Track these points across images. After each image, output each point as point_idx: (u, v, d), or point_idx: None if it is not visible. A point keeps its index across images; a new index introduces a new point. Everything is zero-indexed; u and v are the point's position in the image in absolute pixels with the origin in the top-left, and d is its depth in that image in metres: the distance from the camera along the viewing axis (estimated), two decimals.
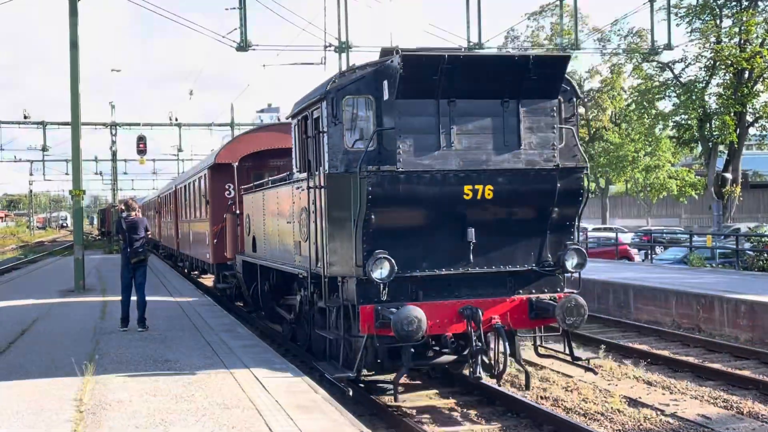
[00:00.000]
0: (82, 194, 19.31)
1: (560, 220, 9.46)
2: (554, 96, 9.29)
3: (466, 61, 9.15)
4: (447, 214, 8.96)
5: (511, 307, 9.26)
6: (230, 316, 14.55)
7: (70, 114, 18.93)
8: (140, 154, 45.36)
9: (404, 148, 8.66)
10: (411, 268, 8.86)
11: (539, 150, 9.22)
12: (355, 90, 9.03)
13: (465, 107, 8.94)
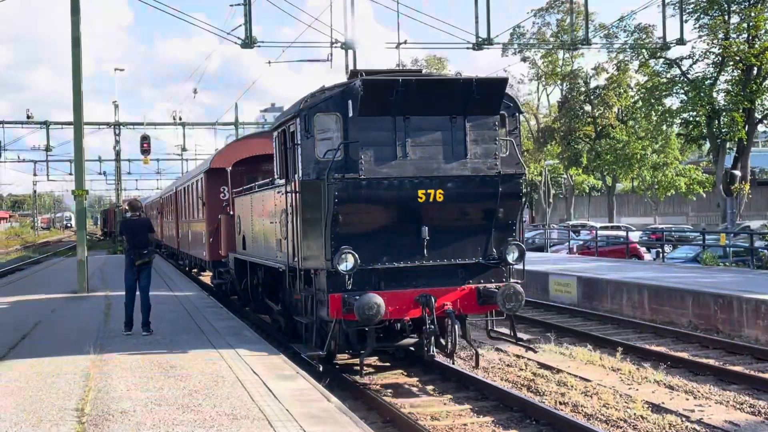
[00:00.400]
0: (84, 194, 18.97)
1: (503, 220, 10.85)
2: (496, 112, 10.70)
3: (417, 84, 10.32)
4: (404, 215, 10.39)
5: (461, 295, 10.62)
6: (236, 318, 14.23)
7: (73, 112, 18.59)
8: (144, 153, 45.12)
9: (366, 159, 10.10)
10: (373, 261, 10.25)
11: (483, 159, 10.65)
12: (325, 108, 10.34)
13: (418, 123, 10.33)
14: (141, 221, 12.33)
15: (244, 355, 10.04)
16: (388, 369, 12.05)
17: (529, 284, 22.10)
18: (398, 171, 10.21)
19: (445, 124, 10.50)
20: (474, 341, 11.95)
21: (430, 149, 10.45)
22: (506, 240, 10.87)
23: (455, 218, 10.63)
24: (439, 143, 10.50)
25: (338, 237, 10.02)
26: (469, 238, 10.76)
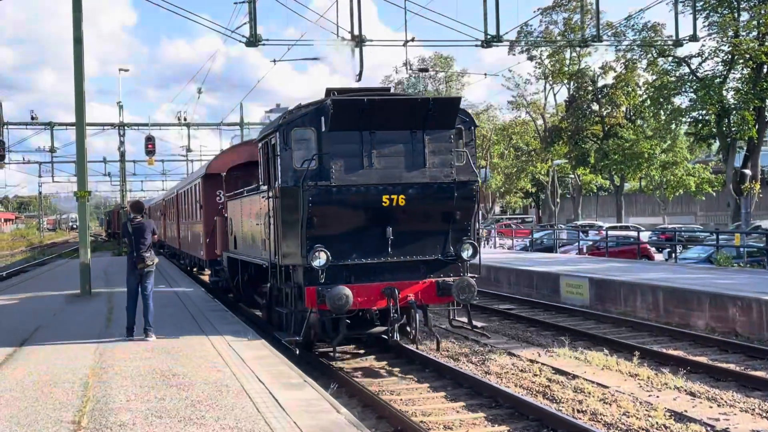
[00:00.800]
0: (87, 195, 18.61)
1: (459, 222, 12.12)
2: (451, 127, 11.97)
3: (381, 103, 11.49)
4: (370, 218, 11.62)
5: (422, 287, 11.91)
6: (239, 320, 13.88)
7: (75, 112, 18.26)
8: (149, 154, 44.76)
9: (336, 168, 11.35)
10: (344, 258, 11.52)
11: (440, 168, 11.89)
12: (301, 123, 11.59)
13: (382, 136, 11.59)
14: (144, 224, 11.94)
15: (247, 359, 9.68)
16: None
17: (540, 285, 21.81)
18: (365, 179, 11.49)
19: (406, 138, 11.80)
20: (435, 327, 13.56)
21: (393, 159, 11.72)
22: (462, 239, 12.17)
23: (416, 220, 11.89)
24: (401, 154, 11.77)
25: (312, 237, 11.30)
26: (429, 237, 12.12)
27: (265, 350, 10.58)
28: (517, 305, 20.35)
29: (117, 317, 13.88)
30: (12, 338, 11.98)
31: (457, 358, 13.21)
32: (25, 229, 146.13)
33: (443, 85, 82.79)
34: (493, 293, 22.68)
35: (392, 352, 13.24)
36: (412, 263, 11.98)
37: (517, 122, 69.78)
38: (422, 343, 12.95)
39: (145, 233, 11.77)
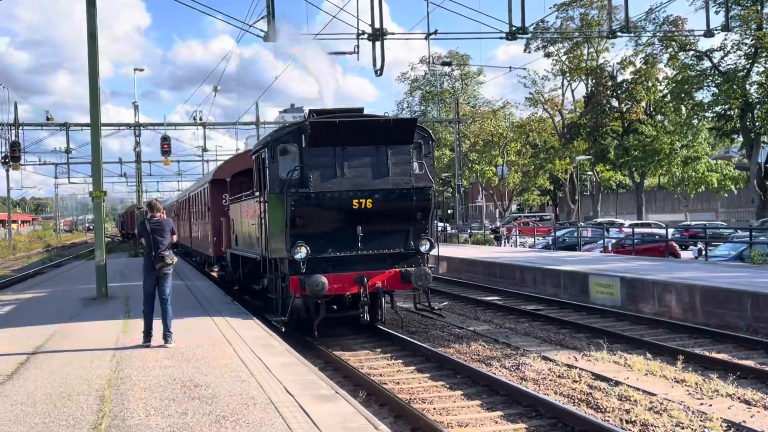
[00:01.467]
0: (103, 195, 18.12)
1: (418, 221, 14.20)
2: (410, 142, 14.11)
3: (350, 123, 13.64)
4: (343, 218, 13.67)
5: (388, 276, 13.97)
6: (261, 325, 13.32)
7: (89, 108, 17.76)
8: (164, 154, 44.47)
9: (314, 177, 13.48)
10: (321, 252, 13.60)
11: (401, 177, 14.02)
12: (285, 140, 13.90)
13: (352, 151, 13.73)
14: (162, 222, 11.28)
15: (272, 366, 9.11)
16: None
17: (567, 285, 21.14)
18: (338, 186, 13.62)
19: (372, 152, 13.92)
20: (401, 309, 16.07)
21: (362, 170, 13.83)
22: (421, 236, 14.21)
23: (382, 220, 13.89)
24: (368, 165, 13.88)
25: (295, 234, 13.42)
26: (393, 234, 14.16)
27: (290, 357, 10.00)
28: (544, 306, 19.70)
29: (134, 322, 13.36)
30: (25, 344, 11.48)
31: (489, 362, 12.60)
32: (42, 230, 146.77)
33: (459, 83, 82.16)
34: (519, 293, 22.04)
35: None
36: (379, 256, 14.10)
37: (534, 119, 68.91)
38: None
39: (165, 232, 11.14)
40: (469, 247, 37.44)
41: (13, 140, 42.58)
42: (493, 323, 17.04)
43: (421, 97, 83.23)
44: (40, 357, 10.33)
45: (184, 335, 11.64)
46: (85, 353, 10.51)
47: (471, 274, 27.29)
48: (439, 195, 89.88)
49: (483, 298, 21.34)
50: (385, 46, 19.62)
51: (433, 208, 14.28)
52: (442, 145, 71.43)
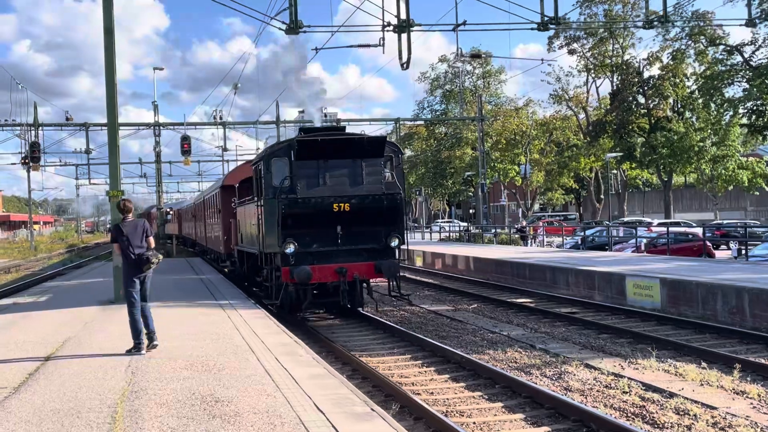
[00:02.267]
0: (120, 195, 17.46)
1: (389, 221, 16.43)
2: (381, 156, 16.56)
3: (329, 141, 16.10)
4: (325, 219, 15.91)
5: (364, 267, 16.19)
6: (286, 330, 12.61)
7: (106, 105, 17.14)
8: (185, 154, 44.00)
9: (301, 185, 15.89)
10: (308, 247, 15.91)
11: (374, 184, 16.40)
12: (278, 155, 16.41)
13: (333, 163, 16.17)
14: (138, 223, 10.73)
15: (300, 378, 8.38)
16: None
17: (602, 287, 20.25)
18: (321, 192, 16.05)
19: (349, 164, 16.38)
20: (375, 294, 18.23)
21: (341, 179, 16.26)
22: (391, 233, 16.42)
23: (358, 220, 16.16)
24: (346, 175, 16.33)
25: (285, 232, 15.77)
26: (368, 232, 16.35)
27: (318, 367, 9.25)
28: (580, 308, 18.86)
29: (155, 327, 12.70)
30: (37, 351, 10.82)
31: (528, 371, 11.80)
32: (63, 231, 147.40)
33: (480, 81, 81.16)
34: (551, 295, 21.19)
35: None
36: (356, 250, 16.33)
37: (558, 117, 67.82)
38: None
39: (141, 233, 10.55)
40: (494, 247, 36.58)
41: (33, 141, 42.28)
42: (527, 327, 16.22)
43: (442, 95, 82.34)
44: (51, 366, 9.64)
45: (203, 341, 10.95)
46: (98, 362, 9.83)
47: (499, 275, 26.46)
48: (460, 194, 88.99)
49: (514, 300, 20.52)
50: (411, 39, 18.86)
51: (401, 210, 16.78)
52: (463, 143, 70.56)
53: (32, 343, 11.48)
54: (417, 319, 18.20)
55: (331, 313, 18.43)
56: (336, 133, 17.71)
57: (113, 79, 17.23)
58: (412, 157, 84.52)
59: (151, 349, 10.58)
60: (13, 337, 12.40)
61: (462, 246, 38.91)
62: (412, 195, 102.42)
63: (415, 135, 79.58)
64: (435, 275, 29.92)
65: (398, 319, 18.15)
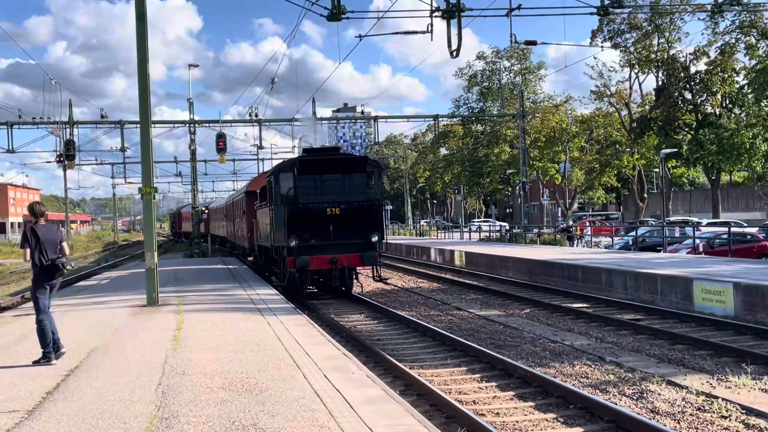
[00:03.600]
0: (153, 192, 16.49)
1: (370, 221, 20.66)
2: (363, 171, 21.07)
3: (324, 160, 20.99)
4: (321, 220, 20.17)
5: (352, 257, 20.43)
6: (333, 341, 11.47)
7: (138, 97, 16.17)
8: (220, 152, 43.11)
9: (301, 194, 20.22)
10: (307, 241, 20.10)
11: (358, 193, 20.74)
12: (285, 170, 21.01)
13: (327, 177, 20.69)
14: (53, 228, 10.04)
15: (356, 402, 7.22)
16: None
17: (666, 291, 18.83)
18: (317, 200, 20.38)
19: (339, 177, 20.86)
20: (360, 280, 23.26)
21: (333, 189, 20.66)
22: (372, 231, 20.54)
23: (346, 221, 20.34)
24: (337, 186, 20.74)
25: (290, 230, 20.05)
26: (354, 230, 20.40)
27: (374, 388, 8.07)
28: (643, 315, 17.47)
29: (187, 336, 11.64)
30: (60, 363, 9.80)
31: (604, 388, 10.51)
32: (100, 230, 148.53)
33: (519, 77, 79.45)
34: (609, 299, 19.81)
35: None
36: (345, 244, 20.52)
37: (600, 114, 66.00)
38: None
39: (57, 238, 9.93)
40: (538, 248, 35.16)
41: (68, 138, 41.69)
42: (591, 336, 14.90)
43: (480, 93, 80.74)
44: (72, 383, 8.58)
45: (242, 353, 9.83)
46: (125, 378, 8.75)
47: (548, 278, 25.10)
48: (497, 193, 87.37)
49: (569, 305, 19.19)
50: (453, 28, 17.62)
51: (380, 213, 21.44)
52: (501, 141, 69.09)
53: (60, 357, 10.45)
54: (467, 325, 16.97)
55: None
56: (329, 153, 22.69)
57: (146, 68, 16.25)
58: (447, 156, 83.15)
59: (59, 357, 10.03)
60: (36, 345, 11.41)
61: (504, 246, 37.54)
62: (448, 193, 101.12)
63: (450, 133, 78.15)
64: (479, 276, 28.63)
65: (447, 325, 16.95)
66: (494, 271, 29.58)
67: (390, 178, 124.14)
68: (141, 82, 16.07)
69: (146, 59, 16.17)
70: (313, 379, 8.27)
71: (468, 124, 75.77)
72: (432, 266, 35.22)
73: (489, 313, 18.70)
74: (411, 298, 22.89)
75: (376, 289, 25.69)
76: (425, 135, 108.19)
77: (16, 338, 12.25)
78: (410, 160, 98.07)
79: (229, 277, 24.85)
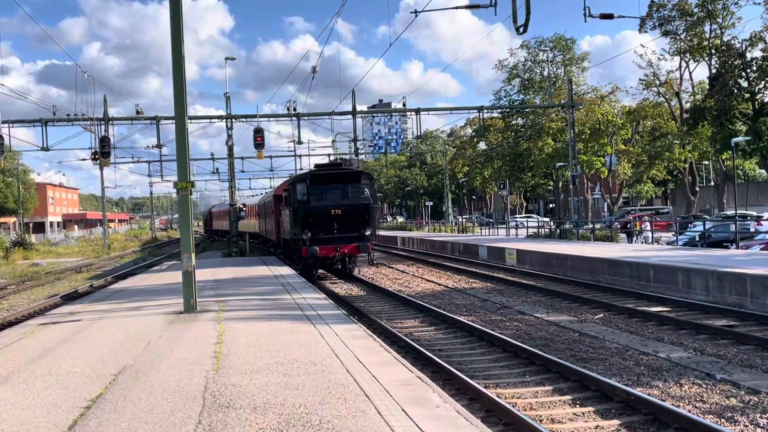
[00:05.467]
0: (189, 187, 14.93)
1: (364, 220, 27.02)
2: (359, 182, 27.59)
3: (330, 174, 27.74)
4: (327, 218, 26.72)
5: (351, 247, 26.75)
6: (395, 354, 9.81)
7: (173, 79, 14.63)
8: (258, 147, 41.61)
9: (313, 199, 27.05)
10: (317, 235, 26.53)
11: (355, 199, 27.22)
12: (300, 180, 27.98)
13: (332, 186, 27.42)
14: None
15: None
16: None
17: (757, 293, 16.85)
18: (324, 203, 26.66)
19: (341, 186, 27.18)
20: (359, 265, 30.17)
21: (336, 196, 27.03)
22: (366, 227, 26.81)
23: (346, 219, 26.63)
24: (339, 193, 27.06)
25: (303, 226, 26.47)
26: (352, 226, 26.66)
27: (472, 429, 6.37)
28: (736, 320, 15.56)
29: (230, 352, 10.05)
30: (81, 390, 8.24)
31: (728, 416, 8.72)
32: (138, 229, 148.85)
33: (561, 69, 77.08)
34: (688, 302, 17.89)
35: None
36: (346, 237, 26.60)
37: (649, 104, 63.47)
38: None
39: None
40: (592, 245, 33.14)
41: (103, 135, 40.55)
42: (686, 347, 13.04)
43: (521, 84, 78.44)
44: (92, 419, 6.98)
45: (296, 377, 8.19)
46: (157, 412, 7.15)
47: (613, 277, 23.18)
48: (539, 188, 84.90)
49: (647, 309, 17.31)
50: None
51: (372, 214, 27.45)
52: (543, 134, 66.92)
53: (78, 376, 8.91)
54: (538, 332, 15.21)
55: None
56: (333, 168, 28.94)
57: (180, 50, 14.70)
58: (487, 150, 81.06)
59: None
60: (58, 363, 9.91)
61: (556, 243, 35.56)
62: (487, 189, 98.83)
63: (491, 127, 76.01)
64: (535, 276, 26.74)
65: (514, 332, 15.22)
66: (551, 270, 27.70)
67: (427, 174, 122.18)
68: (175, 68, 14.51)
69: (181, 39, 14.63)
70: (390, 416, 6.58)
71: (508, 118, 73.66)
72: (481, 265, 33.41)
73: (558, 318, 16.91)
74: (466, 300, 21.17)
75: (425, 290, 24.02)
76: (464, 129, 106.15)
77: (33, 356, 10.76)
78: (449, 155, 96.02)
79: (271, 279, 23.31)
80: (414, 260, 39.30)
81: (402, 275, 30.35)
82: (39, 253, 62.46)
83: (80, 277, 38.87)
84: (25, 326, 14.45)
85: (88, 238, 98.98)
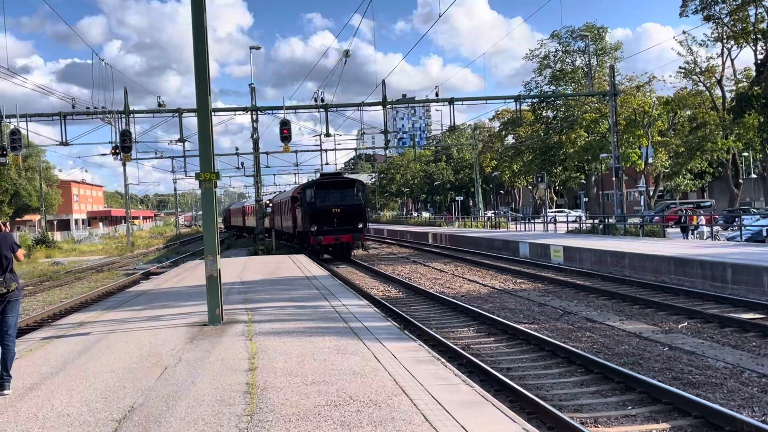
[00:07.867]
0: (214, 178, 12.90)
1: (358, 217, 38.78)
2: (353, 187, 39.86)
3: (331, 181, 40.03)
4: (329, 215, 38.10)
5: (349, 237, 38.13)
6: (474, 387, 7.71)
7: (194, 63, 12.61)
8: (284, 141, 39.68)
9: (318, 201, 38.69)
10: (321, 228, 37.75)
11: (350, 200, 39.09)
12: (309, 187, 40.41)
13: (333, 191, 39.36)
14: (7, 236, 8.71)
15: None
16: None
17: None
18: (327, 204, 38.41)
19: (339, 191, 39.31)
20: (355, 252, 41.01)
21: (336, 198, 38.84)
22: (359, 222, 38.59)
23: (344, 216, 38.10)
24: (339, 195, 39.01)
25: (311, 221, 38.07)
26: (349, 221, 38.07)
27: None
28: None
29: (267, 384, 7.97)
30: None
31: None
32: (163, 226, 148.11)
33: (594, 59, 74.43)
34: (758, 302, 15.64)
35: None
36: (344, 229, 37.43)
37: (688, 93, 60.76)
38: None
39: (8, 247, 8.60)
40: (644, 241, 30.80)
41: (124, 129, 38.78)
42: None
43: (551, 75, 75.80)
44: None
45: (357, 427, 6.11)
46: None
47: (682, 277, 20.92)
48: (570, 181, 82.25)
49: (738, 317, 15.06)
50: None
51: (364, 212, 38.59)
52: (576, 126, 64.41)
53: (71, 423, 6.83)
54: (620, 346, 13.01)
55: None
56: (334, 177, 40.05)
57: (203, 35, 12.67)
58: (516, 143, 78.63)
59: None
60: (50, 399, 7.90)
61: (601, 239, 33.22)
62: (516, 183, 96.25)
63: (519, 120, 73.53)
64: (587, 276, 24.49)
65: (590, 345, 13.08)
66: (605, 268, 25.43)
67: (453, 169, 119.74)
68: (197, 53, 12.49)
69: (203, 17, 12.60)
70: None
71: (538, 110, 71.18)
72: (523, 263, 31.19)
73: (637, 328, 14.71)
74: (520, 304, 19.03)
75: (470, 292, 21.89)
76: (492, 122, 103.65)
77: (24, 387, 8.77)
78: (477, 148, 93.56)
79: (304, 282, 21.29)
80: (450, 257, 37.23)
81: (441, 275, 28.24)
82: (62, 251, 61.06)
83: (100, 276, 37.15)
84: (26, 341, 12.49)
85: (113, 235, 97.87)
